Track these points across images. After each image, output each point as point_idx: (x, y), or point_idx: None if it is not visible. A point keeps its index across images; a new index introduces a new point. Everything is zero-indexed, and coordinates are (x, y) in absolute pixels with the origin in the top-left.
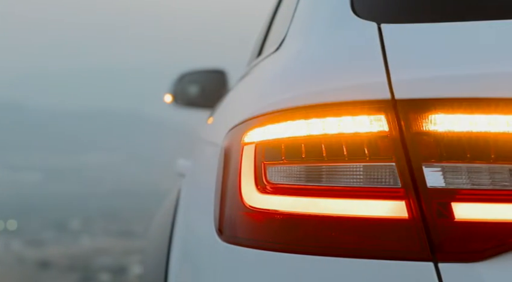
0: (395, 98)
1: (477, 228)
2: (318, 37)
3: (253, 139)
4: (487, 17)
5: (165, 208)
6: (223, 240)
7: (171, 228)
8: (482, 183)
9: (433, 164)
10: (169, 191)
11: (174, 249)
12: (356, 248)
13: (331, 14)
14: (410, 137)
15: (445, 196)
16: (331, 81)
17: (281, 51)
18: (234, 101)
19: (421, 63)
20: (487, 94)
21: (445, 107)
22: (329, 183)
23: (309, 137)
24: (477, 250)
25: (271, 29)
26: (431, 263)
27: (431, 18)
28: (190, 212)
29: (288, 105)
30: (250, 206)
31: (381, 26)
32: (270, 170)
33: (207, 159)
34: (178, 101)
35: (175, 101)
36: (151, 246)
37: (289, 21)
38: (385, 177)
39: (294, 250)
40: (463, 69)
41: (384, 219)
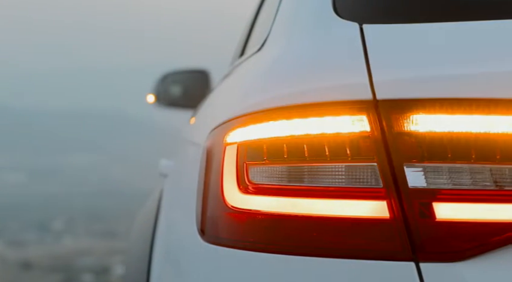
0: (377, 99)
1: (458, 228)
2: (300, 37)
3: (236, 139)
4: (468, 18)
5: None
6: (205, 240)
7: (153, 229)
8: (463, 183)
9: (414, 164)
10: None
11: (156, 249)
12: (338, 248)
13: (313, 14)
14: (392, 138)
15: (426, 196)
16: (313, 82)
17: (263, 51)
18: (216, 101)
19: (402, 63)
20: (468, 94)
21: (426, 107)
22: (311, 184)
23: (291, 137)
24: (458, 250)
25: (253, 29)
26: (413, 262)
27: (412, 19)
28: (172, 212)
29: (270, 105)
30: (232, 206)
31: (363, 27)
32: (252, 170)
33: (190, 159)
34: (161, 101)
35: (158, 101)
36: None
37: (271, 22)
38: (366, 178)
39: (276, 250)
40: (444, 70)
41: (365, 219)
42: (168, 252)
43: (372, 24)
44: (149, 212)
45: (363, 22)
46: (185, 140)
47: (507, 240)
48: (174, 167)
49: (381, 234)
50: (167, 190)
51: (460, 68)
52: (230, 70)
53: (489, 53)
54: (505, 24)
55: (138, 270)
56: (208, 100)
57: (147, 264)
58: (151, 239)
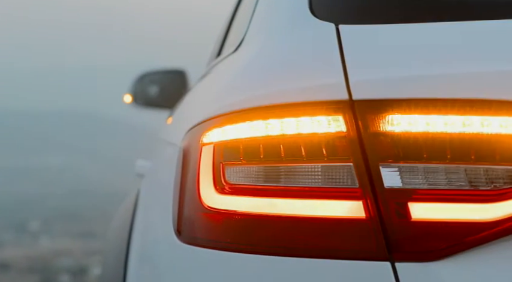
0: (353, 99)
1: (434, 228)
2: (276, 38)
3: (212, 139)
4: (444, 18)
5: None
6: (182, 240)
7: (129, 229)
8: (439, 183)
9: (390, 164)
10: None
11: (132, 250)
12: (314, 248)
13: (290, 14)
14: (368, 138)
15: (402, 196)
16: (289, 82)
17: (240, 51)
18: (193, 101)
19: (378, 64)
20: (444, 95)
21: (402, 107)
22: (287, 184)
23: (267, 138)
24: (434, 249)
25: (230, 29)
26: (388, 262)
27: (388, 19)
28: (148, 213)
29: (246, 105)
30: (209, 207)
31: (339, 27)
32: (228, 170)
33: (166, 159)
34: (138, 101)
35: (135, 101)
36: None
37: (248, 22)
38: (342, 178)
39: (252, 250)
40: (420, 70)
41: (341, 219)
42: (145, 252)
43: (348, 25)
44: (126, 213)
45: (339, 22)
46: (162, 140)
47: (482, 240)
48: (150, 167)
49: (357, 234)
50: (144, 190)
51: (436, 68)
52: (207, 70)
53: (465, 53)
54: (482, 25)
55: (114, 270)
56: (185, 100)
57: (123, 265)
58: (127, 240)
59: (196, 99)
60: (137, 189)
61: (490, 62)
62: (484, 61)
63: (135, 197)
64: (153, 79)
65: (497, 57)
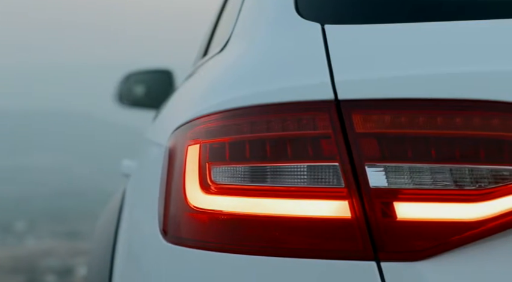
0: (339, 99)
1: (419, 228)
2: (262, 38)
3: (198, 139)
4: (430, 19)
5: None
6: (168, 240)
7: (115, 229)
8: (424, 183)
9: (375, 164)
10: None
11: (118, 250)
12: (300, 248)
13: (275, 14)
14: (353, 137)
15: (387, 196)
16: (274, 82)
17: (225, 51)
18: (179, 101)
19: (364, 64)
20: (428, 95)
21: (387, 107)
22: (273, 184)
23: (253, 138)
24: (419, 249)
25: (216, 29)
26: (374, 262)
27: (374, 19)
28: (134, 213)
29: (231, 105)
30: (195, 207)
31: (325, 27)
32: (214, 170)
33: (152, 159)
34: (124, 101)
35: (121, 101)
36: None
37: (234, 22)
38: (328, 178)
39: (239, 250)
40: (405, 70)
41: (327, 219)
42: (131, 252)
43: (334, 25)
44: (112, 213)
45: (325, 22)
46: (148, 140)
47: (467, 240)
48: (136, 167)
49: (343, 234)
50: (129, 190)
51: (421, 68)
52: (193, 70)
53: (451, 53)
54: (466, 25)
55: (100, 271)
56: (171, 100)
57: (109, 265)
58: (113, 240)
59: (182, 99)
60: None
61: (474, 62)
62: (469, 61)
63: (121, 197)
64: (139, 79)
65: (481, 57)
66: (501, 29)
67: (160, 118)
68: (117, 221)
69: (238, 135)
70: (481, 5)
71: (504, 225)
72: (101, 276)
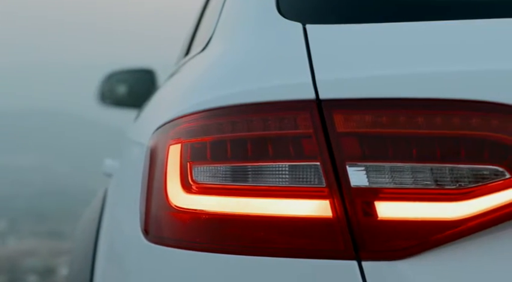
0: (320, 98)
1: (400, 227)
2: (243, 37)
3: (179, 139)
4: (411, 18)
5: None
6: (149, 240)
7: (97, 229)
8: (405, 182)
9: (356, 164)
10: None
11: (100, 249)
12: (281, 247)
13: (257, 14)
14: (334, 137)
15: (368, 195)
16: (256, 81)
17: (207, 51)
18: (160, 100)
19: (345, 63)
20: (409, 94)
21: (368, 106)
22: (254, 183)
23: (234, 137)
24: (400, 248)
25: (199, 28)
26: (355, 261)
27: (356, 19)
28: (116, 212)
29: (213, 105)
30: (176, 206)
31: (306, 27)
32: (195, 169)
33: (134, 159)
34: (107, 101)
35: (103, 101)
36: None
37: (215, 21)
38: (309, 177)
39: (220, 250)
40: (386, 70)
41: (308, 219)
42: (112, 252)
43: (315, 24)
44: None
45: (306, 22)
46: (129, 140)
47: (448, 238)
48: (118, 166)
49: (324, 233)
50: (111, 190)
51: (402, 68)
52: (175, 69)
53: (431, 53)
54: (446, 25)
55: (81, 270)
56: (152, 99)
57: (90, 265)
58: (95, 239)
59: (163, 98)
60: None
61: (455, 62)
62: (450, 61)
63: (102, 196)
64: (121, 78)
65: (462, 57)
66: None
67: (142, 117)
68: (98, 221)
69: (219, 135)
70: (464, 4)
71: (484, 224)
72: (82, 276)
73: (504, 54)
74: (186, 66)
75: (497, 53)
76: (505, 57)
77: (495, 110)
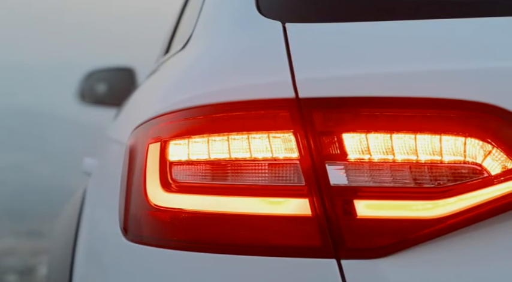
0: (300, 97)
1: (379, 225)
2: (222, 36)
3: (159, 137)
4: (390, 17)
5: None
6: (128, 239)
7: (76, 228)
8: (384, 181)
9: (336, 162)
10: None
11: (78, 248)
12: (261, 245)
13: (236, 12)
14: (314, 135)
15: (347, 194)
16: (235, 80)
17: (187, 49)
18: (140, 99)
19: (325, 62)
20: (389, 93)
21: (348, 105)
22: (234, 182)
23: (214, 135)
24: (379, 246)
25: (179, 26)
26: (334, 260)
27: (335, 18)
28: (95, 211)
29: (192, 103)
30: (155, 205)
31: (286, 26)
32: (175, 168)
33: (113, 157)
34: (86, 99)
35: (83, 99)
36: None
37: (195, 19)
38: (289, 176)
39: (200, 249)
40: (366, 69)
41: (288, 217)
42: (91, 251)
43: (295, 23)
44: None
45: (286, 21)
46: (109, 138)
47: (427, 237)
48: (97, 165)
49: (303, 232)
50: (90, 189)
51: (381, 66)
52: (154, 68)
53: (412, 52)
54: (426, 24)
55: (60, 269)
56: (132, 98)
57: (69, 264)
58: (74, 239)
59: (143, 97)
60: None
61: (435, 61)
62: (431, 60)
63: (81, 195)
64: (101, 77)
65: (441, 56)
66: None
67: (121, 116)
68: (77, 220)
69: (199, 133)
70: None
71: (463, 223)
72: (61, 275)
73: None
74: (165, 64)
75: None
76: (484, 56)
77: (474, 109)
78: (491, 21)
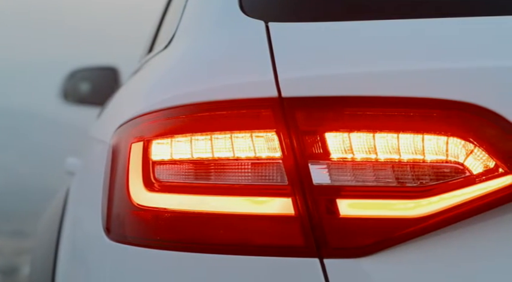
0: (282, 96)
1: (362, 224)
2: (205, 35)
3: (141, 137)
4: (373, 17)
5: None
6: (111, 239)
7: (58, 228)
8: (367, 180)
9: (319, 162)
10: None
11: (61, 248)
12: (244, 245)
13: (219, 12)
14: (297, 135)
15: (330, 193)
16: (219, 79)
17: (170, 49)
18: (123, 98)
19: (307, 61)
20: (371, 92)
21: (330, 105)
22: (217, 181)
23: (197, 135)
24: (362, 245)
25: (162, 25)
26: (317, 259)
27: (318, 17)
28: (78, 211)
29: (175, 103)
30: (138, 205)
31: (269, 25)
32: (158, 168)
33: (96, 157)
34: (70, 99)
35: (67, 98)
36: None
37: (178, 19)
38: (272, 175)
39: (182, 248)
40: (349, 68)
41: (271, 216)
42: (74, 251)
43: (278, 22)
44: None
45: (269, 20)
46: (92, 138)
47: (409, 236)
48: (80, 165)
49: (286, 231)
50: (73, 188)
51: (364, 66)
52: (138, 67)
53: (393, 51)
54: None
55: (43, 269)
56: (115, 97)
57: (52, 263)
58: (56, 238)
59: (126, 96)
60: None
61: (414, 61)
62: (410, 60)
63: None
64: (84, 76)
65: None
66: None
67: (104, 115)
68: (60, 219)
69: (182, 133)
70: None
71: (445, 222)
72: (44, 275)
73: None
74: (148, 64)
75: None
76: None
77: (456, 109)
78: (472, 21)
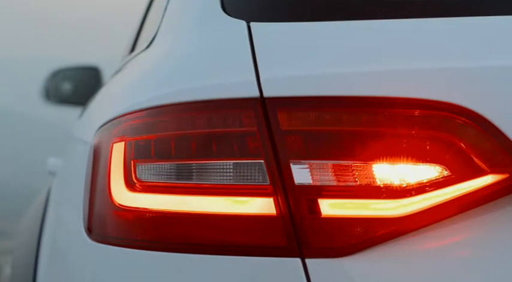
0: (264, 96)
1: (344, 224)
2: (187, 35)
3: (122, 137)
4: (354, 17)
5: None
6: (92, 239)
7: (40, 228)
8: (348, 180)
9: (300, 161)
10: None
11: (43, 248)
12: (225, 245)
13: (201, 12)
14: (279, 135)
15: (312, 193)
16: (200, 79)
17: (151, 48)
18: (105, 98)
19: (289, 61)
20: (353, 92)
21: (312, 105)
22: (199, 181)
23: (178, 135)
24: (344, 245)
25: (144, 25)
26: (299, 259)
27: (300, 17)
28: (59, 211)
29: (156, 103)
30: (120, 205)
31: (250, 25)
32: (139, 168)
33: (77, 157)
34: (51, 98)
35: (48, 98)
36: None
37: (160, 18)
38: (253, 175)
39: (164, 248)
40: (330, 68)
41: (252, 216)
42: (55, 251)
43: (260, 23)
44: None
45: (251, 20)
46: (74, 138)
47: (391, 235)
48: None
49: (268, 231)
50: (55, 188)
51: (346, 66)
52: (119, 67)
53: (377, 52)
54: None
55: (24, 269)
56: (97, 97)
57: (33, 264)
58: (38, 239)
59: (107, 96)
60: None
61: (396, 61)
62: (391, 59)
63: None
64: (66, 75)
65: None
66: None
67: (86, 115)
68: (41, 220)
69: (163, 133)
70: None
71: (427, 221)
72: (25, 275)
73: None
74: (130, 63)
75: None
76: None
77: (438, 109)
78: (454, 21)
